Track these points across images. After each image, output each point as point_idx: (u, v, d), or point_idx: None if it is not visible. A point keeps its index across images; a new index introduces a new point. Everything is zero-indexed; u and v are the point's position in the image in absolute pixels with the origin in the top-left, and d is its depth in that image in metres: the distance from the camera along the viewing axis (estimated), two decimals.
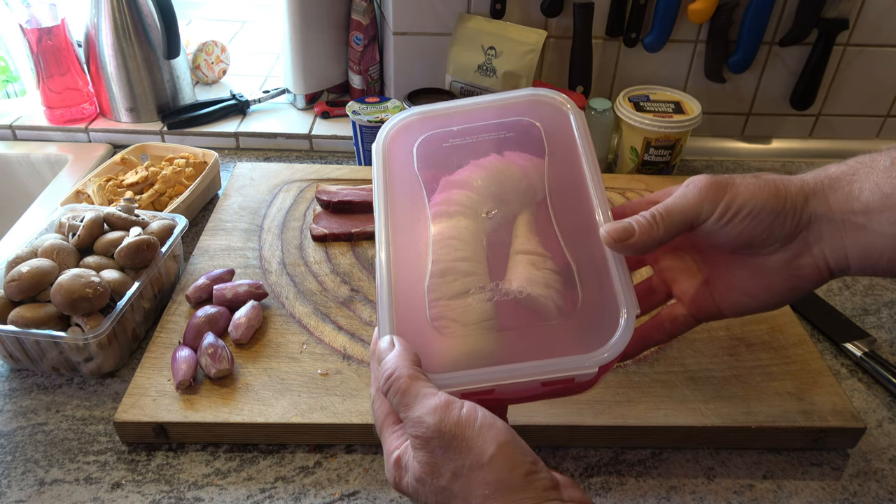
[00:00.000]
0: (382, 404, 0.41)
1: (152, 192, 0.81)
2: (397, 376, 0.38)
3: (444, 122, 0.49)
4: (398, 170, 0.47)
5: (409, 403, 0.37)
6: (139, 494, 0.54)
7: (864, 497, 0.56)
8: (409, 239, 0.44)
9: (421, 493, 0.37)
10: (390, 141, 0.49)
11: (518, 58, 0.86)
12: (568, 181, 0.46)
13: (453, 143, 0.48)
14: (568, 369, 0.39)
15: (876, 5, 0.94)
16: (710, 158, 1.03)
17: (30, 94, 1.08)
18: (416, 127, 0.50)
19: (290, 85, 1.06)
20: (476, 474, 0.35)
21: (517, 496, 0.34)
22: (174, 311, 0.67)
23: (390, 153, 0.48)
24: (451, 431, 0.35)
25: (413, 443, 0.37)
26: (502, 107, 0.50)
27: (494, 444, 0.35)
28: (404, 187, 0.46)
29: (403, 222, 0.45)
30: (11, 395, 0.62)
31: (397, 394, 0.38)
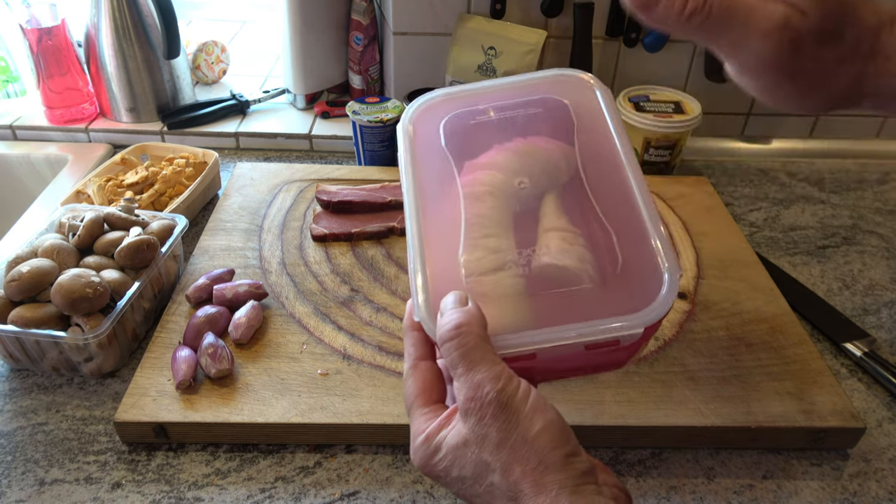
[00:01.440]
0: (414, 382, 0.40)
1: (152, 192, 0.81)
2: (467, 332, 0.37)
3: (470, 102, 0.49)
4: (425, 147, 0.47)
5: (473, 363, 0.36)
6: (139, 494, 0.54)
7: (864, 497, 0.56)
8: (439, 214, 0.44)
9: (455, 466, 0.37)
10: (416, 120, 0.49)
11: (518, 58, 0.86)
12: (600, 153, 0.45)
13: (480, 121, 0.48)
14: (613, 330, 0.38)
15: None
16: (710, 158, 1.03)
17: (30, 94, 1.08)
18: (441, 107, 0.50)
19: (290, 85, 1.06)
20: (520, 449, 0.35)
21: (555, 476, 0.35)
22: (174, 311, 0.67)
23: (416, 132, 0.48)
24: (507, 402, 0.35)
25: (465, 405, 0.36)
26: (527, 86, 0.50)
27: (542, 422, 0.35)
28: (432, 164, 0.46)
29: (432, 198, 0.45)
30: (11, 395, 0.62)
31: (462, 348, 0.37)
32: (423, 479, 0.56)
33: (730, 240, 0.80)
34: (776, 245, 0.85)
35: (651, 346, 0.65)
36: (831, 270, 0.81)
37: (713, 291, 0.72)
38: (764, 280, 0.74)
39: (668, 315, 0.39)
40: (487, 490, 0.36)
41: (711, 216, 0.84)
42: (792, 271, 0.80)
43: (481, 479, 0.36)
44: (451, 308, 0.38)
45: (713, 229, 0.82)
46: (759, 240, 0.86)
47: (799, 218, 0.90)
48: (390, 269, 0.74)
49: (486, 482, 0.36)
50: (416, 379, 0.40)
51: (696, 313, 0.69)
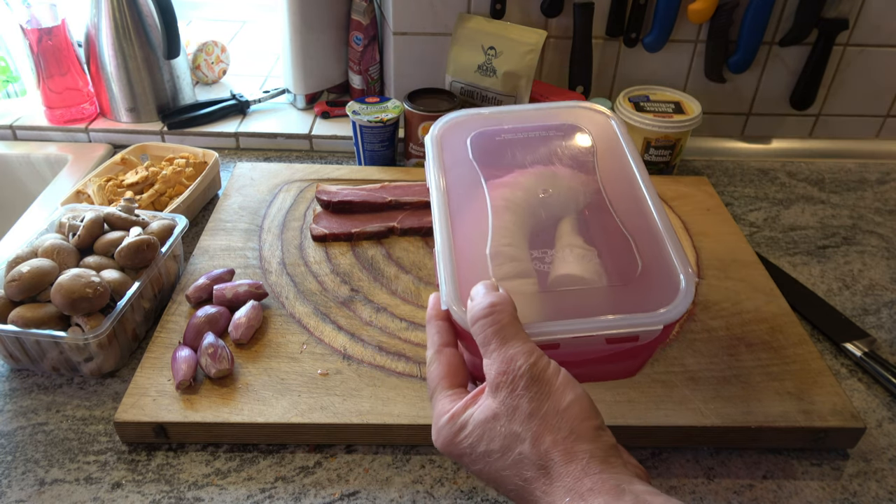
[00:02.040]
0: (439, 366, 0.42)
1: (152, 192, 0.81)
2: (501, 310, 0.39)
3: (495, 122, 0.53)
4: (452, 157, 0.51)
5: (506, 339, 0.38)
6: (139, 494, 0.54)
7: (864, 497, 0.56)
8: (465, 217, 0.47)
9: (482, 441, 0.37)
10: (444, 133, 0.53)
11: (518, 58, 0.86)
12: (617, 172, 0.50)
13: (505, 138, 0.52)
14: (634, 325, 0.41)
15: (876, 5, 0.94)
16: (710, 158, 1.03)
17: (30, 94, 1.08)
18: (468, 123, 0.53)
19: (290, 85, 1.06)
20: (551, 419, 0.36)
21: (586, 446, 0.36)
22: (174, 311, 0.67)
23: (444, 143, 0.52)
24: (539, 375, 0.37)
25: (497, 379, 0.37)
26: (548, 112, 0.55)
27: (573, 395, 0.37)
28: (459, 172, 0.50)
29: (458, 202, 0.48)
30: (11, 395, 0.62)
31: (496, 325, 0.38)
32: (422, 480, 0.56)
33: (730, 240, 0.80)
34: (776, 245, 0.85)
35: None
36: (831, 270, 0.81)
37: (713, 291, 0.72)
38: (764, 280, 0.74)
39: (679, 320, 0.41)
40: (515, 461, 0.36)
41: (711, 216, 0.84)
42: (792, 271, 0.80)
43: (510, 450, 0.37)
44: (482, 293, 0.40)
45: (713, 229, 0.82)
46: (759, 240, 0.86)
47: (799, 218, 0.90)
48: (390, 269, 0.74)
49: (515, 453, 0.36)
50: (440, 363, 0.42)
51: (696, 313, 0.69)
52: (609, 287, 0.43)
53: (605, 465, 0.35)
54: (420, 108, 0.87)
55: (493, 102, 0.90)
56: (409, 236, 0.79)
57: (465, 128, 0.53)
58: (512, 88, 0.87)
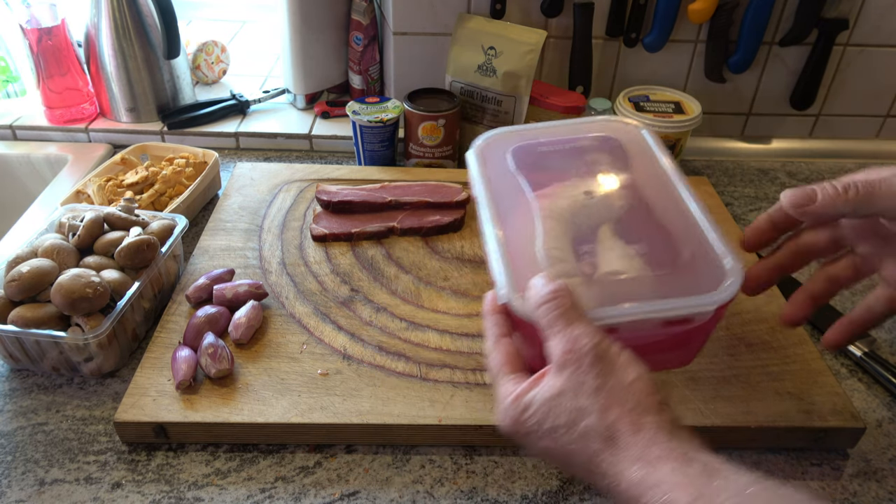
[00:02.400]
0: (499, 354, 0.44)
1: (152, 192, 0.81)
2: (564, 295, 0.41)
3: (531, 136, 0.57)
4: (495, 169, 0.55)
5: (570, 320, 0.40)
6: (139, 494, 0.54)
7: (864, 497, 0.56)
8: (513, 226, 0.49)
9: (548, 418, 0.39)
10: (484, 149, 0.57)
11: (518, 58, 0.86)
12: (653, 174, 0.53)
13: (543, 151, 0.56)
14: (690, 307, 0.43)
15: (876, 5, 0.94)
16: (710, 158, 1.03)
17: (30, 94, 1.08)
18: (506, 139, 0.57)
19: (290, 85, 1.06)
20: (617, 393, 0.38)
21: (652, 418, 0.37)
22: (174, 311, 0.67)
23: (486, 158, 0.56)
24: (604, 353, 0.39)
25: (562, 358, 0.39)
26: (581, 126, 0.59)
27: (637, 371, 0.39)
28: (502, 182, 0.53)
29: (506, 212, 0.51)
30: (11, 395, 0.62)
31: (560, 308, 0.40)
32: (422, 480, 0.56)
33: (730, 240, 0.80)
34: None
35: None
36: None
37: None
38: None
39: None
40: (582, 434, 0.38)
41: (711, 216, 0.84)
42: None
43: (576, 424, 0.38)
44: (542, 282, 0.42)
45: None
46: None
47: None
48: (390, 269, 0.74)
49: (581, 426, 0.38)
50: (499, 352, 0.44)
51: None
52: (657, 276, 0.45)
53: (672, 435, 0.37)
54: (420, 108, 0.87)
55: (493, 102, 0.90)
56: (409, 236, 0.79)
57: (505, 142, 0.57)
58: (512, 88, 0.87)
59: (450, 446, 0.58)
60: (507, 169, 0.54)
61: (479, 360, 0.63)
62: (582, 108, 0.88)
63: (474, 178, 0.54)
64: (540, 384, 0.40)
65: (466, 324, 0.67)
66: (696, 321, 0.44)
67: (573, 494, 0.55)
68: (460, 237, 0.79)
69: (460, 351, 0.64)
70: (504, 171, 0.54)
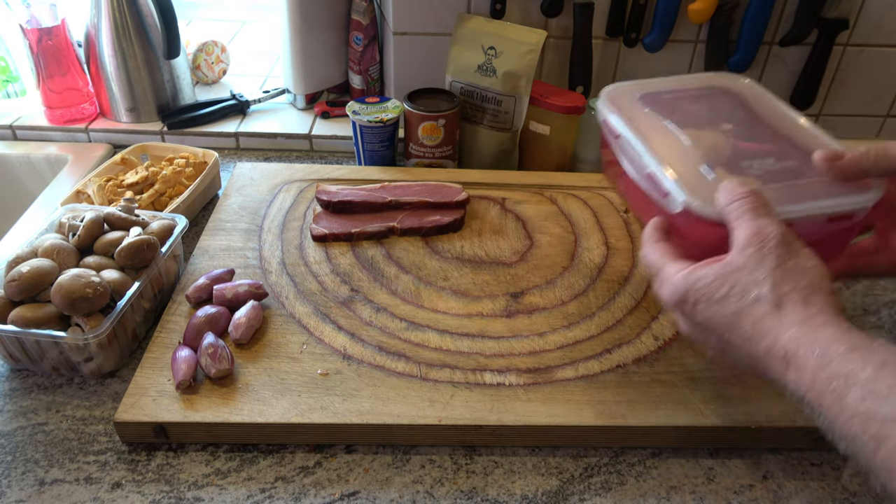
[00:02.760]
0: (661, 249, 0.49)
1: (152, 192, 0.81)
2: (757, 192, 0.46)
3: (652, 88, 0.65)
4: (629, 113, 0.61)
5: (760, 214, 0.44)
6: (139, 494, 0.54)
7: (864, 497, 0.56)
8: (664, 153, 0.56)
9: (721, 287, 0.43)
10: (614, 97, 0.63)
11: (518, 58, 0.86)
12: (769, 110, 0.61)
13: (668, 98, 0.64)
14: (852, 204, 0.50)
15: (876, 5, 0.94)
16: None
17: (30, 94, 1.08)
18: (629, 90, 0.65)
19: (290, 85, 1.06)
20: (793, 272, 0.42)
21: (823, 297, 0.41)
22: (174, 311, 0.67)
23: (618, 103, 0.63)
24: (788, 241, 0.43)
25: (746, 241, 0.43)
26: (698, 78, 0.67)
27: (815, 261, 0.43)
28: (643, 122, 0.60)
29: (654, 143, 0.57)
30: (11, 395, 0.62)
31: (754, 202, 0.45)
32: (422, 480, 0.56)
33: None
34: None
35: (651, 346, 0.65)
36: None
37: None
38: None
39: None
40: (752, 302, 0.42)
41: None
42: None
43: (748, 292, 0.42)
44: (736, 182, 0.47)
45: None
46: None
47: None
48: (390, 269, 0.74)
49: (752, 295, 0.42)
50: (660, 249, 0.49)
51: None
52: (813, 183, 0.52)
53: (838, 317, 0.40)
54: (420, 108, 0.87)
55: (493, 102, 0.90)
56: (409, 236, 0.79)
57: (629, 93, 0.64)
58: (512, 88, 0.87)
59: (450, 446, 0.58)
60: (643, 112, 0.61)
61: (478, 360, 0.63)
62: (582, 108, 0.88)
63: (613, 121, 0.61)
64: (715, 262, 0.44)
65: (466, 324, 0.67)
66: (856, 217, 0.51)
67: (573, 494, 0.55)
68: (460, 237, 0.79)
69: (460, 351, 0.64)
70: (641, 114, 0.61)
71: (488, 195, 0.87)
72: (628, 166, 0.60)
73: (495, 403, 0.58)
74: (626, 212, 0.84)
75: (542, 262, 0.76)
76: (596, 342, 0.65)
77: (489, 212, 0.84)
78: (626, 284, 0.73)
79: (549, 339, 0.66)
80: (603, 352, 0.64)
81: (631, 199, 0.66)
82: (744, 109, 0.62)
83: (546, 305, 0.70)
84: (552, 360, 0.63)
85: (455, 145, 0.92)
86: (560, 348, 0.64)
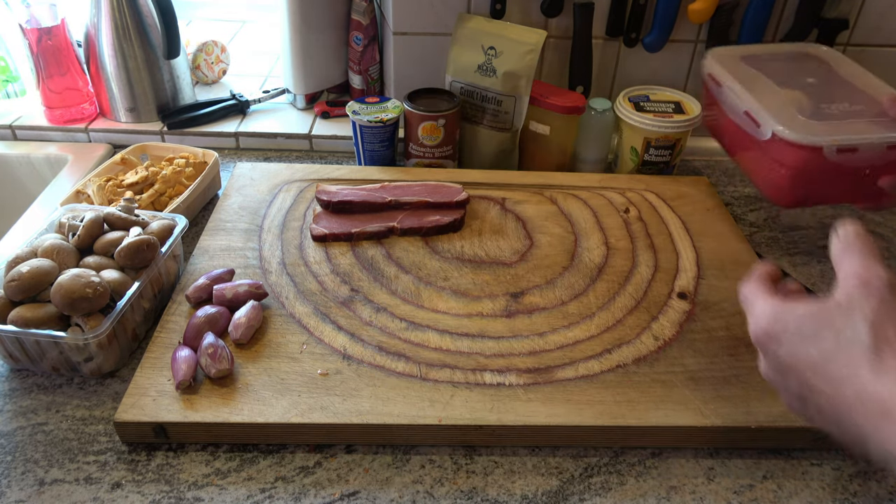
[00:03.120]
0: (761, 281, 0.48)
1: (152, 192, 0.81)
2: (867, 238, 0.44)
3: (751, 52, 0.83)
4: (736, 70, 0.79)
5: (866, 257, 0.42)
6: (139, 494, 0.54)
7: (864, 497, 0.56)
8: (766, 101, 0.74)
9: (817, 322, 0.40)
10: (718, 59, 0.82)
11: (518, 58, 0.86)
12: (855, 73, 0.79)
13: (765, 60, 0.80)
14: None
15: (876, 5, 0.94)
16: (710, 158, 1.03)
17: (30, 94, 1.08)
18: (730, 53, 0.83)
19: (290, 85, 1.06)
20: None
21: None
22: (174, 311, 0.67)
23: (722, 63, 0.80)
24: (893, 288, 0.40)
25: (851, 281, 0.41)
26: (786, 46, 0.87)
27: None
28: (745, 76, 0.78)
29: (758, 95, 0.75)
30: (11, 395, 0.62)
31: (865, 245, 0.43)
32: (422, 480, 0.56)
33: (730, 240, 0.80)
34: (776, 245, 0.85)
35: (651, 346, 0.65)
36: (831, 270, 0.80)
37: (713, 291, 0.72)
38: None
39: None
40: (845, 344, 0.38)
41: (711, 216, 0.84)
42: (792, 271, 0.80)
43: (841, 333, 0.39)
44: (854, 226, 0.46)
45: (713, 229, 0.82)
46: (759, 240, 0.86)
47: (799, 218, 0.90)
48: (390, 269, 0.74)
49: (847, 336, 0.38)
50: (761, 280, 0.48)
51: (696, 313, 0.69)
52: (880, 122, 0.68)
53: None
54: (420, 108, 0.87)
55: (493, 102, 0.90)
56: (409, 236, 0.79)
57: (734, 52, 0.83)
58: (512, 88, 0.87)
59: (450, 446, 0.58)
60: (743, 67, 0.79)
61: (479, 360, 0.63)
62: (582, 108, 0.88)
63: (717, 72, 0.80)
64: (812, 299, 0.42)
65: (466, 324, 0.67)
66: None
67: (573, 494, 0.55)
68: (460, 237, 0.79)
69: (460, 351, 0.64)
70: (740, 68, 0.78)
71: (488, 195, 0.87)
72: (727, 108, 0.77)
73: (495, 403, 0.58)
74: (626, 212, 0.84)
75: (542, 262, 0.76)
76: (596, 342, 0.65)
77: (489, 212, 0.84)
78: (626, 284, 0.73)
79: (549, 339, 0.66)
80: (603, 352, 0.64)
81: (727, 136, 0.82)
82: (825, 69, 0.79)
83: (546, 305, 0.70)
84: (552, 360, 0.63)
85: (455, 145, 0.92)
86: (560, 348, 0.64)
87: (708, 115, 0.85)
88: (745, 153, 0.78)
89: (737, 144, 0.78)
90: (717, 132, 0.85)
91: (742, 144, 0.75)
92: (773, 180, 0.72)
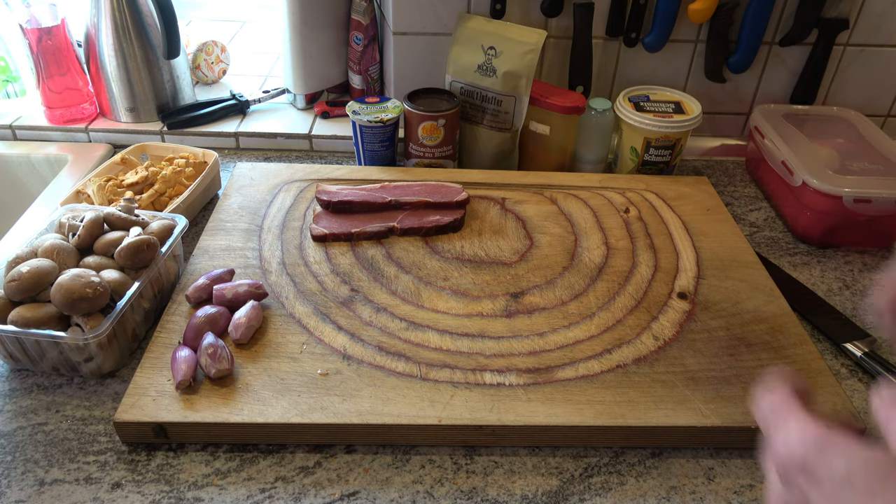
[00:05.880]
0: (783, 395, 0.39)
1: (152, 192, 0.81)
2: None
3: (792, 111, 0.97)
4: (773, 122, 0.92)
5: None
6: (139, 494, 0.54)
7: None
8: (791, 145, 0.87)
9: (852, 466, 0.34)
10: (763, 111, 0.95)
11: (518, 58, 0.86)
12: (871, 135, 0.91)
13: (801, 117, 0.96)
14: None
15: (876, 5, 0.94)
16: (710, 158, 1.03)
17: (30, 94, 1.08)
18: (776, 108, 0.97)
19: (290, 85, 1.06)
20: None
21: None
22: (174, 311, 0.67)
23: (765, 115, 0.94)
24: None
25: None
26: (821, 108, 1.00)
27: None
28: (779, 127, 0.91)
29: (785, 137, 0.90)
30: (11, 395, 0.62)
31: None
32: (422, 480, 0.56)
33: (730, 240, 0.80)
34: (776, 245, 0.85)
35: (651, 346, 0.65)
36: (831, 270, 0.81)
37: (713, 291, 0.72)
38: (764, 280, 0.74)
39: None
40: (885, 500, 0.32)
41: (711, 216, 0.84)
42: (792, 271, 0.80)
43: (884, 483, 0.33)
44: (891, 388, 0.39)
45: (713, 229, 0.82)
46: (759, 240, 0.85)
47: None
48: (390, 269, 0.74)
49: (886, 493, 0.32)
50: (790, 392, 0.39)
51: (696, 313, 0.69)
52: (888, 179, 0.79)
53: None
54: (420, 108, 0.87)
55: (493, 102, 0.90)
56: (409, 236, 0.79)
57: (776, 112, 0.95)
58: (512, 88, 0.87)
59: (450, 446, 0.58)
60: (786, 126, 0.91)
61: (478, 361, 0.63)
62: (582, 108, 0.88)
63: (761, 126, 0.92)
64: (856, 439, 0.35)
65: (466, 324, 0.67)
66: None
67: (573, 494, 0.55)
68: (460, 237, 0.79)
69: (460, 351, 0.64)
70: (781, 124, 0.91)
71: (488, 195, 0.87)
72: (767, 156, 0.90)
73: (495, 403, 0.58)
74: (626, 212, 0.84)
75: (542, 262, 0.76)
76: (596, 342, 0.65)
77: (489, 212, 0.84)
78: (626, 284, 0.73)
79: (549, 339, 0.66)
80: (603, 352, 0.64)
81: (766, 180, 0.94)
82: (853, 131, 0.91)
83: (546, 305, 0.70)
84: (552, 360, 0.63)
85: (455, 145, 0.92)
86: (560, 348, 0.64)
87: (750, 161, 1.00)
88: (780, 196, 0.90)
89: (776, 189, 0.90)
90: (755, 175, 0.98)
91: (780, 188, 0.88)
92: (802, 221, 0.84)
